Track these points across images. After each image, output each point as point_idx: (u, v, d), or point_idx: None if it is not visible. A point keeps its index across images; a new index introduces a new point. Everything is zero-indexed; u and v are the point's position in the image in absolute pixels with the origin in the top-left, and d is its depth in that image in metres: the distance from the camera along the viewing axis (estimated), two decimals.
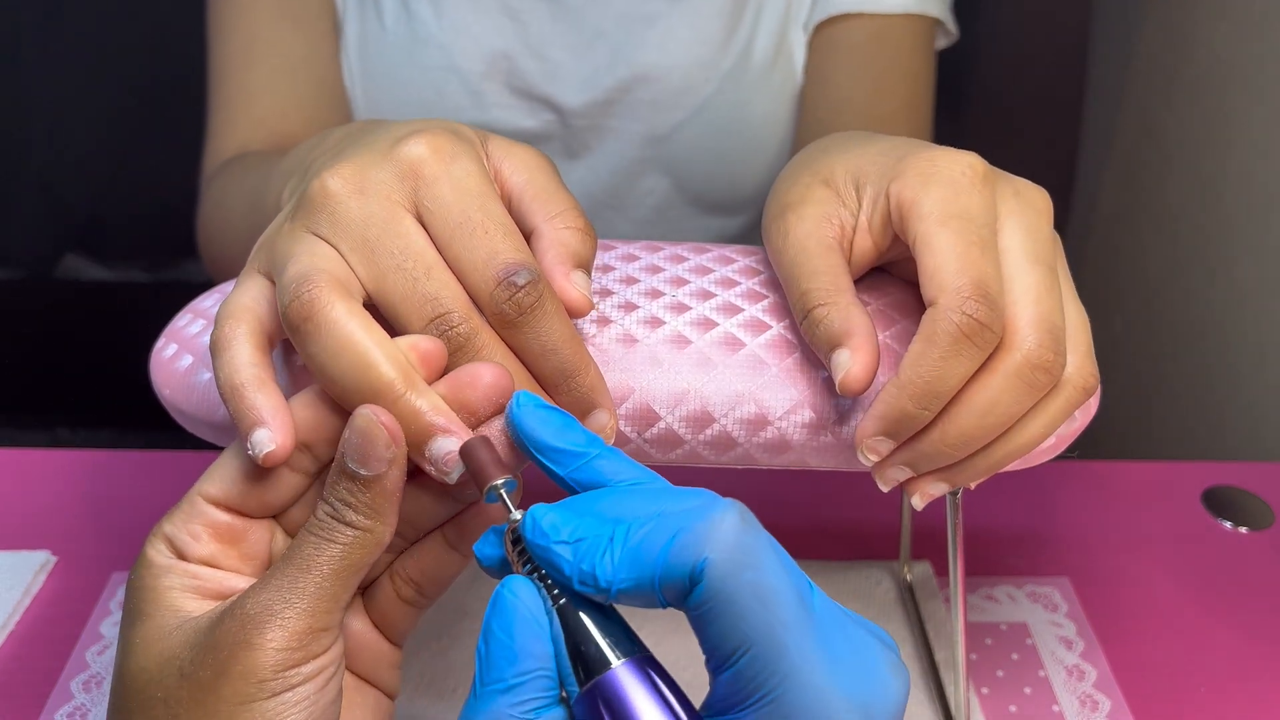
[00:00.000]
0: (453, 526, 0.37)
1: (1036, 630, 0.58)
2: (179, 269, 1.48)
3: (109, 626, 0.56)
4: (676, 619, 0.56)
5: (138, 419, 1.04)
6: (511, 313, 0.35)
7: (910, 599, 0.59)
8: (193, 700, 0.32)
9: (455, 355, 0.35)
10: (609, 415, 0.38)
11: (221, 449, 0.45)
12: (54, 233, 1.46)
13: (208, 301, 0.47)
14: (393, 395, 0.33)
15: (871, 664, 0.30)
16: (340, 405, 0.34)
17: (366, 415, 0.33)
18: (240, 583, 0.35)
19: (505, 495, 0.32)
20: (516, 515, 0.32)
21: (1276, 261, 0.88)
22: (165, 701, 0.33)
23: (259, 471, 0.35)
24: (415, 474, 0.35)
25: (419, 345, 0.34)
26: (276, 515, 0.36)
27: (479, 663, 0.31)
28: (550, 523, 0.31)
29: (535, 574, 0.31)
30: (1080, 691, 0.54)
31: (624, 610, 0.32)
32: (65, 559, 0.60)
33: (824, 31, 0.76)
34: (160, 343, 0.45)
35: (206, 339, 0.44)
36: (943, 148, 0.40)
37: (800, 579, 0.30)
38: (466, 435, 0.34)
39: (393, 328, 0.36)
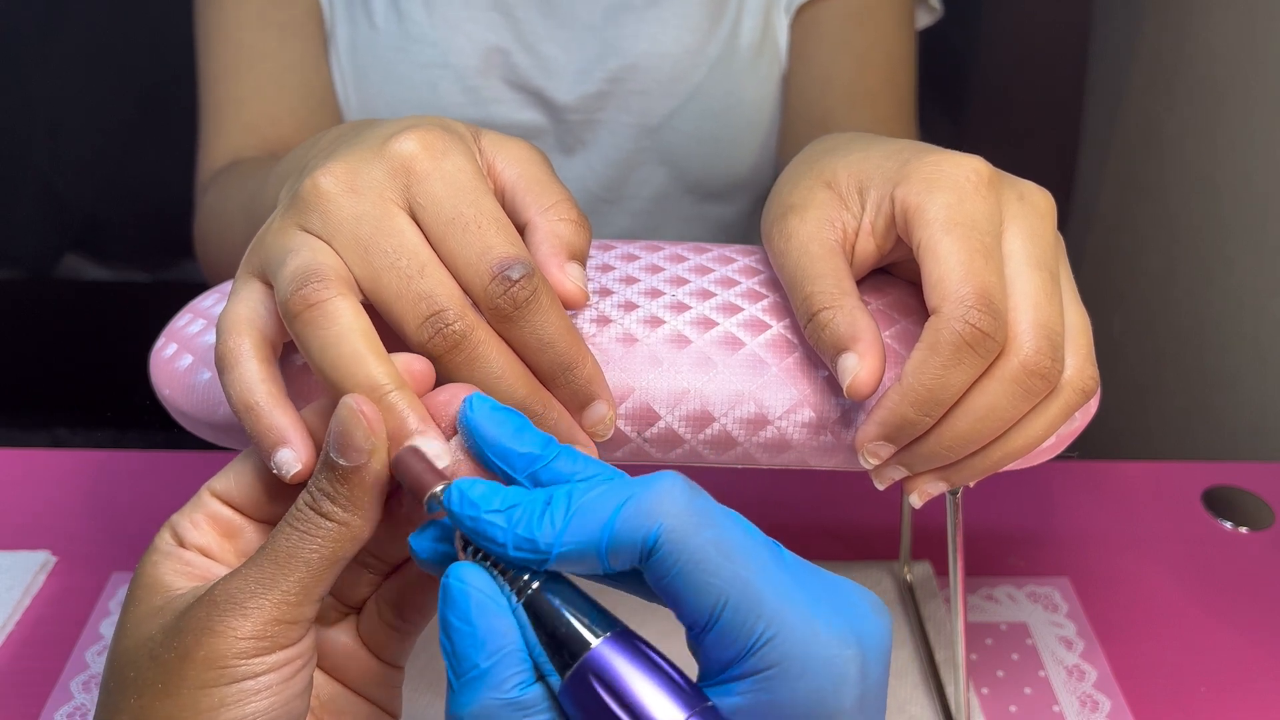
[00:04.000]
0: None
1: (1036, 630, 0.58)
2: (179, 269, 1.48)
3: (109, 626, 0.56)
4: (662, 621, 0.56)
5: (138, 419, 1.04)
6: (507, 307, 0.35)
7: (910, 599, 0.59)
8: (157, 681, 0.32)
9: (450, 353, 0.35)
10: (608, 407, 0.38)
11: (220, 448, 0.45)
12: (54, 233, 1.46)
13: (207, 301, 0.47)
14: (381, 391, 0.33)
15: (853, 602, 0.30)
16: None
17: (348, 404, 0.33)
18: (226, 571, 0.35)
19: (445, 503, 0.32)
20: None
21: (1276, 261, 0.88)
22: (135, 682, 0.33)
23: (269, 479, 0.35)
24: (388, 500, 0.35)
25: (411, 367, 0.35)
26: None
27: (446, 658, 0.30)
28: (479, 493, 0.31)
29: (494, 568, 0.31)
30: (1080, 691, 0.54)
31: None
32: (65, 559, 0.60)
33: (805, 13, 0.77)
34: (160, 342, 0.45)
35: (206, 339, 0.44)
36: (947, 151, 0.40)
37: (766, 538, 0.30)
38: (441, 439, 0.33)
39: (388, 326, 0.36)
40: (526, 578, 0.30)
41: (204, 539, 0.36)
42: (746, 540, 0.30)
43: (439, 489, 0.32)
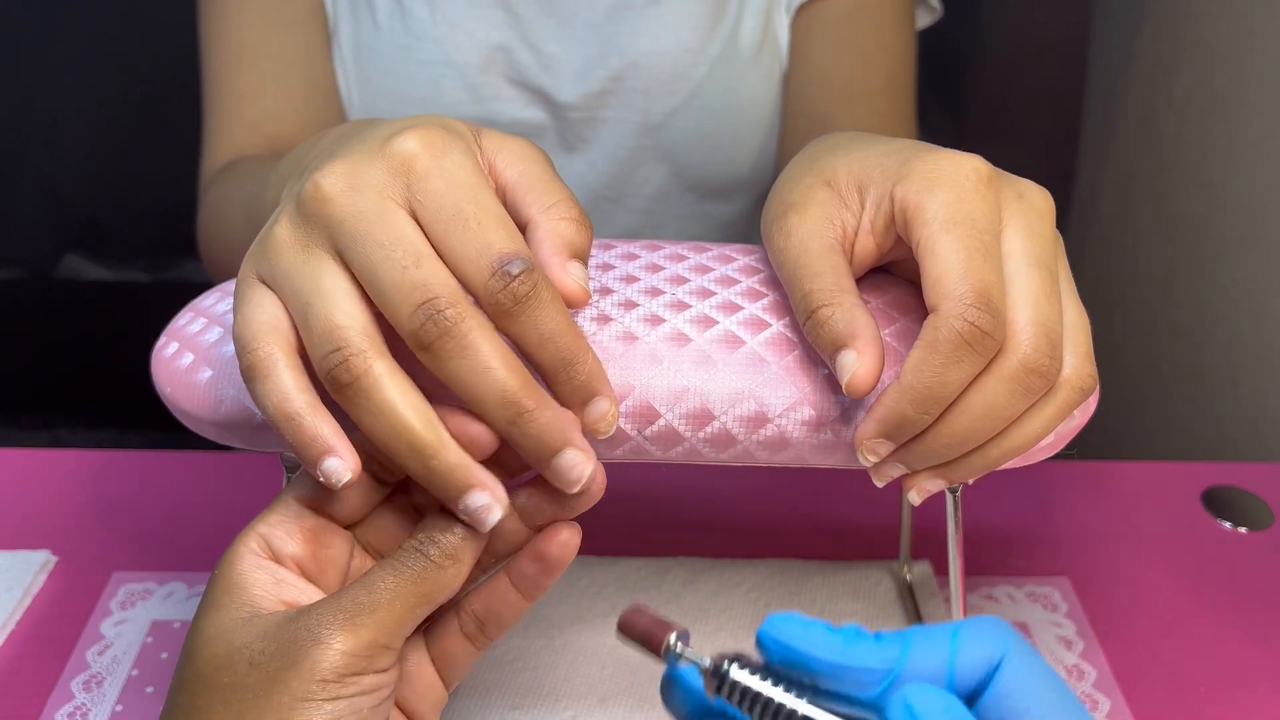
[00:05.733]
0: (513, 567, 0.39)
1: (1036, 630, 0.58)
2: (179, 269, 1.48)
3: (109, 626, 0.56)
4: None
5: (138, 419, 1.05)
6: (507, 303, 0.35)
7: (910, 599, 0.59)
8: (259, 688, 0.34)
9: (440, 339, 0.34)
10: (610, 403, 0.38)
11: (222, 447, 0.45)
12: (54, 233, 1.46)
13: (209, 300, 0.47)
14: (429, 454, 0.35)
15: None
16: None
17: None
18: (317, 595, 0.37)
19: (684, 649, 0.32)
20: (706, 662, 0.31)
21: (1276, 261, 0.88)
22: (232, 687, 0.34)
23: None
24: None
25: (468, 429, 0.36)
26: (360, 523, 0.39)
27: None
28: (792, 631, 0.30)
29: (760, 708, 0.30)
30: (1080, 691, 0.54)
31: None
32: (65, 559, 0.60)
33: (806, 12, 0.78)
34: (161, 341, 0.45)
35: (208, 338, 0.44)
36: (947, 150, 0.40)
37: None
38: (497, 486, 0.36)
39: (385, 319, 0.36)
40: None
41: (297, 549, 0.37)
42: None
43: (672, 637, 0.32)
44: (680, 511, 0.66)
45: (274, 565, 0.37)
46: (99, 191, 1.44)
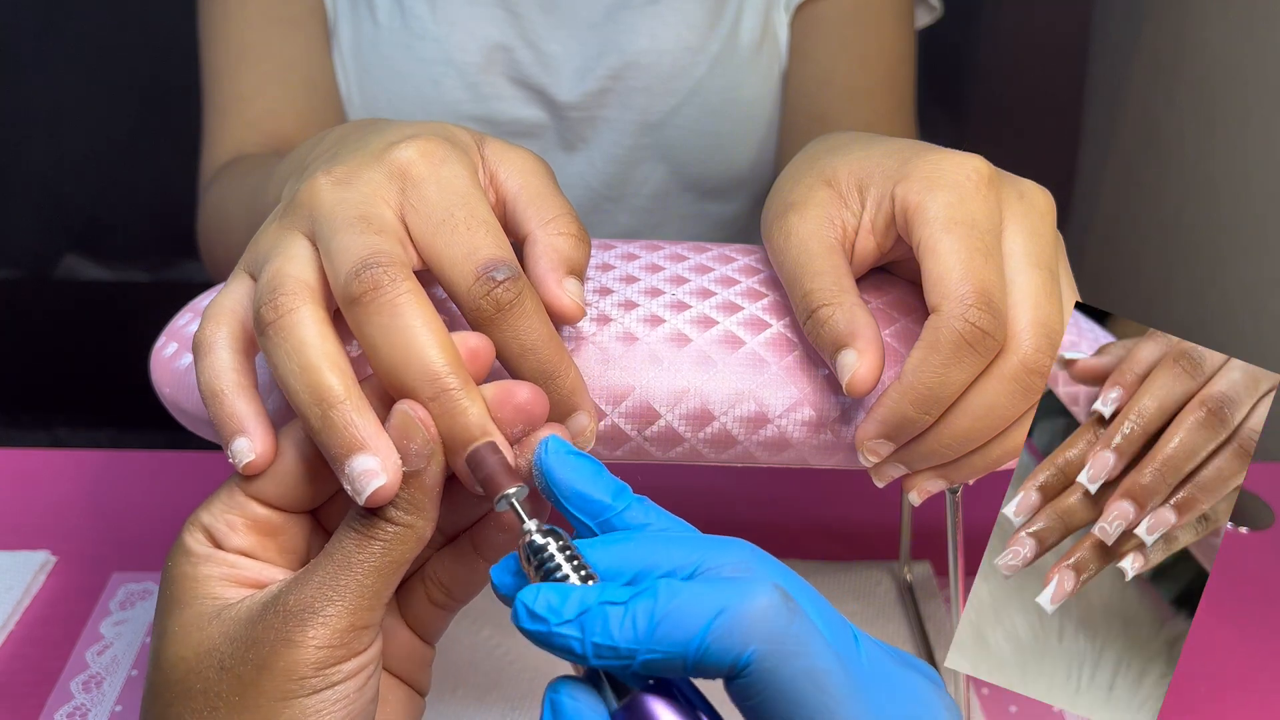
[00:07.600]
0: (478, 534, 0.37)
1: None
2: (179, 269, 1.48)
3: (109, 626, 0.56)
4: None
5: (138, 419, 1.05)
6: (489, 309, 0.34)
7: (910, 599, 0.59)
8: (233, 694, 0.32)
9: (370, 293, 0.33)
10: (589, 418, 0.37)
11: (221, 446, 0.45)
12: (54, 233, 1.46)
13: (207, 301, 0.47)
14: (330, 402, 0.32)
15: (923, 714, 0.29)
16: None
17: (404, 411, 0.32)
18: (278, 574, 0.35)
19: (517, 504, 0.31)
20: (531, 525, 0.31)
21: (1276, 261, 0.88)
22: (204, 693, 0.33)
23: (298, 466, 0.35)
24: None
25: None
26: (315, 509, 0.37)
27: None
28: (545, 604, 0.29)
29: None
30: None
31: None
32: (65, 559, 0.60)
33: (805, 11, 0.78)
34: (160, 341, 0.45)
35: None
36: (948, 150, 0.40)
37: (842, 637, 0.29)
38: (391, 457, 0.32)
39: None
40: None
41: (244, 541, 0.35)
42: (834, 663, 0.28)
43: (511, 490, 0.31)
44: (680, 512, 0.66)
45: (224, 553, 0.35)
46: (99, 191, 1.44)
